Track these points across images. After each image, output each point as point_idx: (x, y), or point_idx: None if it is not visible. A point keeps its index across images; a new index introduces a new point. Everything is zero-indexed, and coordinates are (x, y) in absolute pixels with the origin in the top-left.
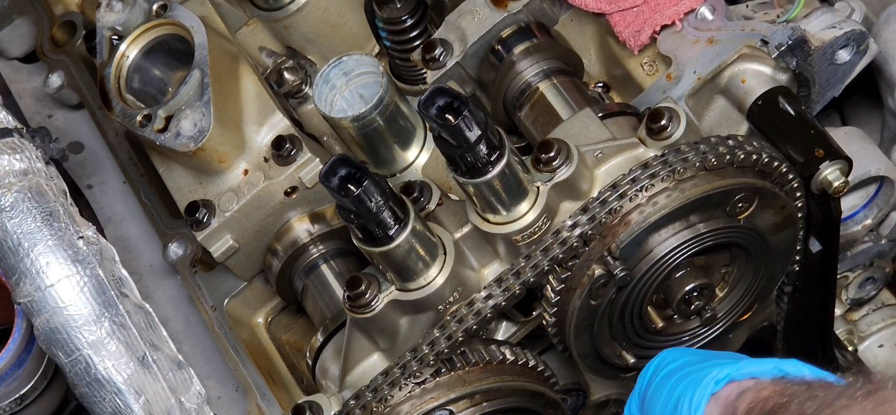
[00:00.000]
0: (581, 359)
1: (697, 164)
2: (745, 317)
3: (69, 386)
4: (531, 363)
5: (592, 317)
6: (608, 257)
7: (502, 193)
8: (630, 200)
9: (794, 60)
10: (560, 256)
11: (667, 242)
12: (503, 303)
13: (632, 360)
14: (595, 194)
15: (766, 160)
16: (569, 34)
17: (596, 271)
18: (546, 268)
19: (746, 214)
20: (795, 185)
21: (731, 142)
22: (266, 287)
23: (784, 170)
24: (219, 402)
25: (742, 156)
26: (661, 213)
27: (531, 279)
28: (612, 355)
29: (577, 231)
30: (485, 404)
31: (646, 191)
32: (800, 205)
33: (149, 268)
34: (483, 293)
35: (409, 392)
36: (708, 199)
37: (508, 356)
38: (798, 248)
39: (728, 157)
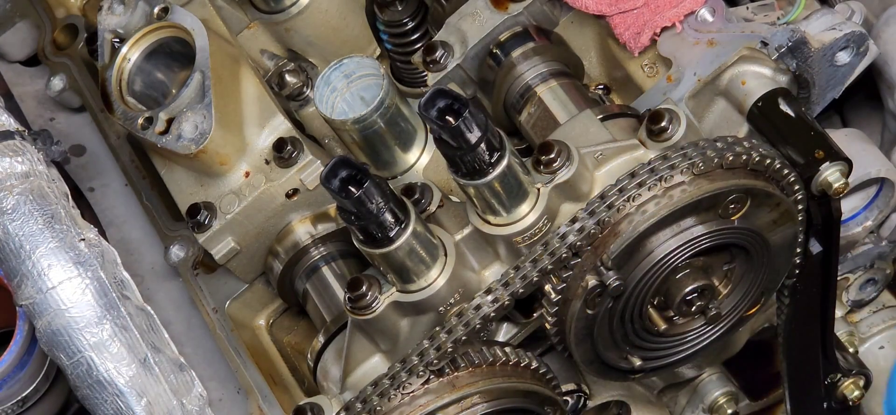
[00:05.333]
0: (585, 366)
1: (686, 169)
2: (752, 311)
3: (71, 388)
4: (533, 365)
5: (591, 325)
6: (601, 267)
7: (503, 195)
8: (618, 210)
9: (794, 62)
10: (555, 261)
11: (660, 249)
12: (506, 302)
13: (638, 362)
14: (587, 202)
15: (757, 159)
16: (569, 36)
17: (590, 282)
18: (549, 268)
19: (740, 214)
20: (792, 179)
21: (719, 144)
22: (267, 289)
23: (778, 166)
24: (220, 404)
25: (731, 157)
26: (651, 221)
27: (534, 279)
28: (617, 359)
29: (577, 228)
30: (486, 404)
31: (633, 200)
32: (799, 198)
33: (150, 270)
34: (486, 293)
35: (413, 392)
36: (698, 203)
37: (510, 358)
38: (800, 240)
39: (716, 160)
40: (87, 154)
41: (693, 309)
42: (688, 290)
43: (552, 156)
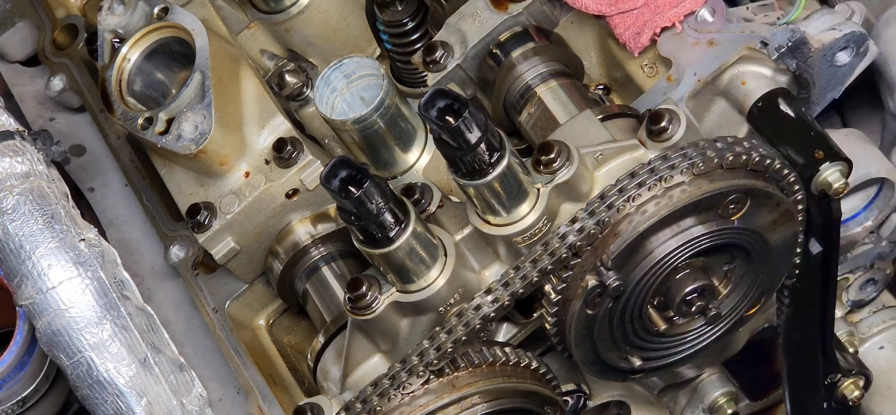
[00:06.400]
0: (585, 366)
1: (686, 169)
2: (752, 311)
3: (71, 388)
4: (533, 365)
5: (591, 325)
6: (601, 267)
7: (503, 195)
8: (618, 210)
9: (793, 62)
10: (555, 262)
11: (660, 249)
12: (505, 303)
13: (638, 362)
14: (587, 202)
15: (757, 159)
16: (569, 36)
17: (589, 282)
18: (549, 269)
19: (740, 214)
20: (792, 179)
21: (719, 144)
22: (267, 289)
23: (778, 166)
24: (220, 404)
25: (731, 157)
26: (651, 221)
27: (534, 279)
28: (617, 359)
29: (577, 228)
30: (486, 404)
31: (633, 200)
32: (799, 198)
33: (150, 270)
34: (486, 294)
35: (413, 392)
36: (698, 203)
37: (510, 358)
38: (800, 240)
39: (716, 160)
40: (87, 154)
41: (693, 309)
42: (688, 290)
43: (552, 156)
